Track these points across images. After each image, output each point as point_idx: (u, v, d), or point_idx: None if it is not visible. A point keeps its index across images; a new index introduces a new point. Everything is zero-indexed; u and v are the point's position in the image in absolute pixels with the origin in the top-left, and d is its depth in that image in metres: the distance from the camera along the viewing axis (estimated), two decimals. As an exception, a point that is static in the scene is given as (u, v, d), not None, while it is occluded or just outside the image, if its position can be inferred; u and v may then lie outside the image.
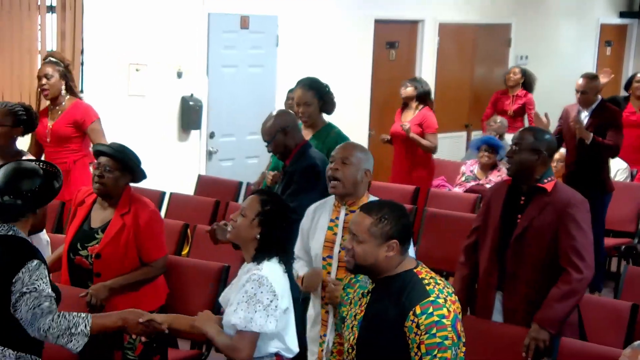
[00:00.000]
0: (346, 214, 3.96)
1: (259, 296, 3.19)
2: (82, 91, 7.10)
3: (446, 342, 2.85)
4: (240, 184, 7.23)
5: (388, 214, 3.01)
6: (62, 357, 3.93)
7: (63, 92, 5.87)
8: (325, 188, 4.09)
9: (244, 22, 8.39)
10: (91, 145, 5.81)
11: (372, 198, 3.99)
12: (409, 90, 7.45)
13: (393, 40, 10.00)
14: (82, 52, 7.12)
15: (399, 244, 2.98)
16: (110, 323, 3.46)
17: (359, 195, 3.96)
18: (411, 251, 3.17)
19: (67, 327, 3.27)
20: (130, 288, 4.14)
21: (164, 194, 6.74)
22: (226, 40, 8.26)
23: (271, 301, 3.20)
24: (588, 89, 6.67)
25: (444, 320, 2.86)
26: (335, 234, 3.95)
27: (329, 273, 3.93)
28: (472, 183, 7.36)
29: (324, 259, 3.96)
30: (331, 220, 3.98)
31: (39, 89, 5.92)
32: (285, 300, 3.29)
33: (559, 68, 11.48)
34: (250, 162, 8.29)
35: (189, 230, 5.86)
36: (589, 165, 6.63)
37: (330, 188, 3.97)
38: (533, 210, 4.05)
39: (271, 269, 3.29)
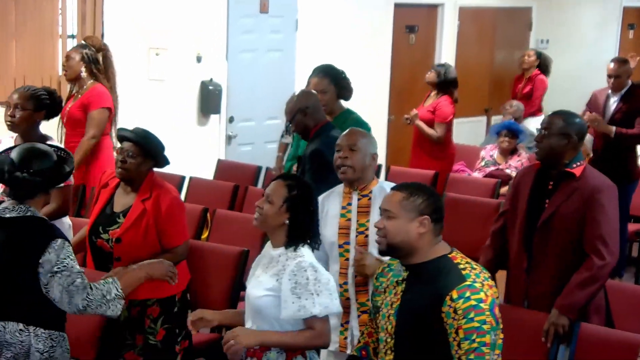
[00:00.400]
0: (359, 199, 3.95)
1: (322, 280, 3.23)
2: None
3: (484, 327, 2.83)
4: (260, 168, 7.25)
5: (419, 191, 3.02)
6: (85, 340, 3.98)
7: (83, 74, 5.87)
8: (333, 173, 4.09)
9: (264, 7, 8.37)
10: (112, 129, 5.84)
11: (382, 181, 4.02)
12: (431, 75, 7.40)
13: (413, 24, 9.94)
14: (102, 36, 7.13)
15: (431, 222, 2.97)
16: (137, 281, 3.67)
17: (368, 180, 3.96)
18: None
19: (102, 296, 3.42)
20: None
21: (183, 178, 6.76)
22: (245, 24, 8.25)
23: (330, 282, 3.26)
24: (621, 73, 6.66)
25: (482, 305, 2.84)
26: (349, 219, 3.94)
27: (346, 260, 3.92)
28: (492, 168, 7.34)
29: (340, 246, 3.95)
30: (343, 208, 3.96)
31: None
32: None
33: (581, 52, 11.36)
34: (270, 147, 8.28)
35: (208, 215, 5.88)
36: (616, 152, 6.58)
37: (340, 174, 3.96)
38: (561, 195, 4.01)
39: (309, 253, 3.32)
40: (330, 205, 4.01)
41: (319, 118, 4.84)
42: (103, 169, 4.78)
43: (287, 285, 3.22)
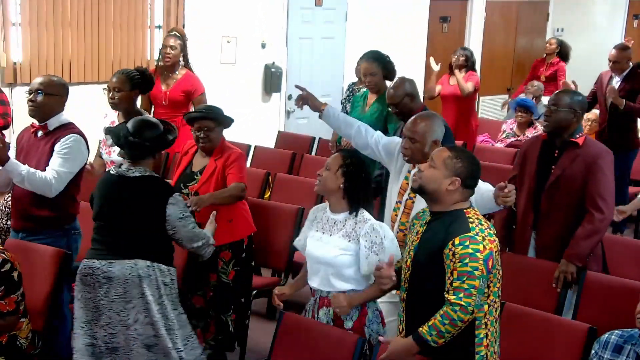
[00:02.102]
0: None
1: (389, 235, 3.27)
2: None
3: (476, 272, 2.83)
4: (314, 139, 7.25)
5: (464, 157, 3.01)
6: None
7: (181, 62, 5.91)
8: None
9: (318, 0, 8.32)
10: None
11: None
12: (460, 58, 7.33)
13: (446, 15, 9.81)
14: (183, 26, 7.17)
15: (461, 184, 2.96)
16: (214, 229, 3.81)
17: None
18: None
19: (207, 240, 3.65)
20: (221, 201, 4.13)
21: (249, 146, 6.80)
22: (303, 15, 8.21)
23: (392, 236, 3.31)
24: (620, 59, 6.59)
25: (477, 254, 2.84)
26: (408, 183, 3.85)
27: (396, 215, 3.84)
28: (512, 139, 7.27)
29: (397, 202, 3.88)
30: (408, 171, 3.87)
31: (160, 55, 5.96)
32: None
33: (592, 39, 11.12)
34: (322, 120, 8.26)
35: (270, 178, 5.92)
36: (619, 124, 6.54)
37: (404, 158, 3.80)
38: (565, 161, 3.99)
39: (371, 216, 3.32)
40: (405, 165, 3.87)
41: (419, 103, 4.77)
42: (183, 141, 4.84)
43: (366, 245, 3.24)
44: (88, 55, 6.58)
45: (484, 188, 3.42)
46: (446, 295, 2.86)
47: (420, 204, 3.75)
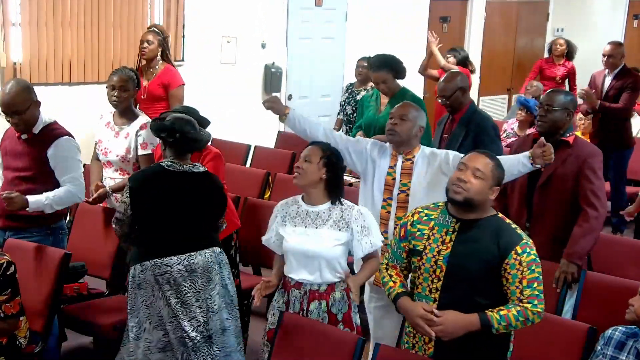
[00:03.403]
0: (403, 162, 3.93)
1: (371, 219, 3.40)
2: (182, 59, 7.17)
3: (540, 277, 2.89)
4: (314, 138, 7.24)
5: (500, 164, 3.01)
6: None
7: (158, 57, 5.89)
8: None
9: (318, 0, 8.32)
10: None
11: (424, 147, 3.95)
12: (450, 60, 7.52)
13: (446, 15, 9.81)
14: (183, 26, 7.18)
15: (498, 192, 2.99)
16: None
17: (413, 146, 3.93)
18: None
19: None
20: None
21: (249, 146, 6.81)
22: (303, 15, 8.22)
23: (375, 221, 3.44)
24: (614, 53, 6.70)
25: (538, 259, 2.90)
26: (394, 178, 3.91)
27: (388, 212, 3.89)
28: (512, 139, 7.26)
29: (384, 200, 3.92)
30: (390, 167, 3.93)
31: (139, 51, 5.97)
32: None
33: (591, 39, 11.09)
34: (322, 120, 8.26)
35: (270, 178, 5.91)
36: (612, 124, 6.59)
37: (388, 136, 3.92)
38: (557, 160, 3.95)
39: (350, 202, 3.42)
40: (382, 162, 3.96)
41: (469, 97, 4.80)
42: None
43: (357, 230, 3.32)
44: (88, 55, 6.58)
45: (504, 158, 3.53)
46: (520, 304, 2.87)
47: (415, 196, 3.79)
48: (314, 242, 3.32)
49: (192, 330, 3.53)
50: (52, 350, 3.94)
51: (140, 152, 4.52)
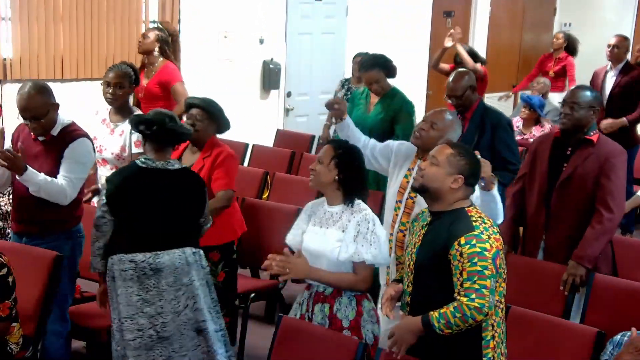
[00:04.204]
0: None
1: (377, 232, 3.26)
2: (178, 56, 7.17)
3: (486, 272, 2.83)
4: (313, 137, 7.26)
5: (467, 155, 3.02)
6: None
7: (156, 53, 5.87)
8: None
9: (318, -6, 8.33)
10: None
11: None
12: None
13: (449, 9, 9.80)
14: (179, 21, 7.17)
15: (464, 182, 2.97)
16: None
17: None
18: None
19: (210, 220, 3.89)
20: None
21: (247, 145, 6.81)
22: (302, 10, 8.21)
23: (382, 238, 3.29)
24: (621, 45, 6.77)
25: (486, 253, 2.84)
26: (408, 182, 3.89)
27: (396, 215, 3.88)
28: (518, 137, 7.25)
29: (396, 201, 3.92)
30: (408, 169, 3.91)
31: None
32: None
33: (600, 34, 11.07)
34: (322, 118, 8.21)
35: (268, 177, 5.91)
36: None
37: (413, 139, 3.88)
38: (578, 159, 3.98)
39: (368, 208, 3.33)
40: (405, 164, 3.95)
41: (477, 95, 4.82)
42: None
43: (351, 233, 3.26)
44: (80, 51, 6.57)
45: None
46: (457, 297, 2.85)
47: (421, 203, 3.77)
48: (318, 241, 3.33)
49: (149, 328, 3.54)
50: (58, 349, 3.93)
51: (135, 150, 4.52)
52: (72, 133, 3.98)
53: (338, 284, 3.29)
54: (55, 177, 3.89)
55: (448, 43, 7.20)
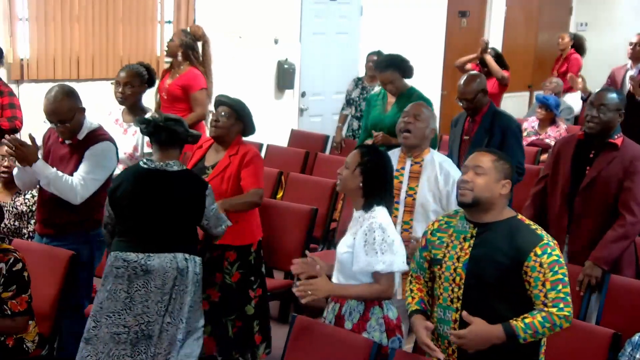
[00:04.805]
0: (411, 165, 3.94)
1: (387, 240, 3.19)
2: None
3: (566, 279, 2.81)
4: (327, 137, 7.26)
5: (504, 157, 2.98)
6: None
7: (179, 57, 5.96)
8: None
9: (332, -5, 8.34)
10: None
11: (433, 152, 3.97)
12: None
13: (465, 9, 9.78)
14: (194, 21, 7.19)
15: (510, 186, 2.92)
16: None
17: (423, 149, 3.94)
18: None
19: (224, 221, 3.80)
20: (237, 208, 4.12)
21: (261, 145, 6.81)
22: (316, 10, 8.22)
23: (395, 243, 3.21)
24: None
25: (561, 260, 2.83)
26: (401, 182, 3.93)
27: (395, 217, 3.87)
28: (533, 137, 7.23)
29: (394, 202, 3.92)
30: (396, 170, 3.90)
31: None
32: None
33: (617, 34, 11.02)
34: (336, 118, 8.22)
35: (282, 177, 5.92)
36: (634, 117, 6.49)
37: (402, 139, 3.95)
38: (602, 162, 3.94)
39: (382, 214, 3.26)
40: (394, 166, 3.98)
41: (487, 98, 4.83)
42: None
43: (360, 243, 3.21)
44: (96, 51, 6.61)
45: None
46: (545, 309, 2.81)
47: (421, 202, 3.79)
48: (339, 245, 3.35)
49: (135, 325, 3.56)
50: (75, 349, 3.96)
51: (147, 150, 4.55)
52: (97, 137, 4.02)
53: (362, 296, 3.24)
54: None
55: (489, 58, 7.42)
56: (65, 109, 3.90)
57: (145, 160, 3.67)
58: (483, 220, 2.92)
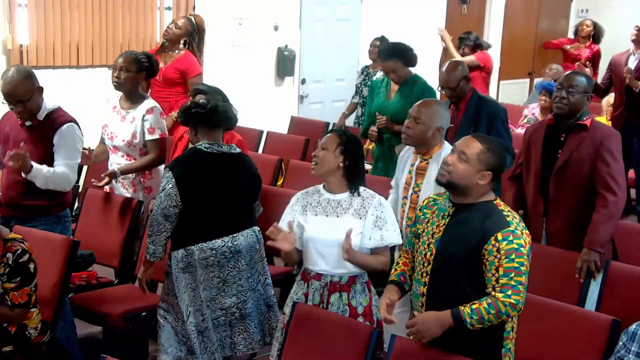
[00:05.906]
0: (420, 162, 3.95)
1: (393, 216, 3.36)
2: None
3: (522, 268, 2.82)
4: (328, 124, 7.25)
5: (496, 150, 2.98)
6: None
7: (181, 44, 6.00)
8: None
9: (333, -19, 8.30)
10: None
11: (447, 146, 3.91)
12: (466, 51, 7.54)
13: (465, -4, 9.75)
14: (194, 8, 7.17)
15: (491, 178, 2.95)
16: None
17: (431, 147, 3.92)
18: None
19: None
20: None
21: (262, 132, 6.81)
22: (317, -3, 8.20)
23: (395, 219, 3.39)
24: None
25: (522, 249, 2.83)
26: (412, 177, 3.95)
27: (403, 212, 3.93)
28: (534, 125, 7.21)
29: (403, 197, 3.99)
30: (411, 165, 3.97)
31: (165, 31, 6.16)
32: None
33: (617, 21, 11.00)
34: (337, 105, 8.27)
35: (283, 164, 5.92)
36: (636, 106, 6.48)
37: (404, 140, 3.98)
38: (572, 144, 3.97)
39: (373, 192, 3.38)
40: (408, 160, 4.04)
41: (470, 85, 4.80)
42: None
43: (371, 219, 3.28)
44: (96, 38, 6.59)
45: None
46: (492, 293, 2.83)
47: (424, 197, 3.79)
48: (335, 230, 3.31)
49: (233, 307, 3.78)
50: (68, 338, 3.97)
51: (148, 137, 4.54)
52: (58, 118, 4.06)
53: (376, 266, 3.33)
54: (45, 164, 3.97)
55: (448, 43, 7.51)
56: (21, 90, 3.95)
57: (206, 145, 3.72)
58: (461, 201, 2.98)
